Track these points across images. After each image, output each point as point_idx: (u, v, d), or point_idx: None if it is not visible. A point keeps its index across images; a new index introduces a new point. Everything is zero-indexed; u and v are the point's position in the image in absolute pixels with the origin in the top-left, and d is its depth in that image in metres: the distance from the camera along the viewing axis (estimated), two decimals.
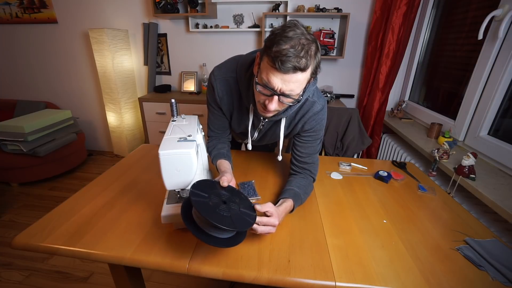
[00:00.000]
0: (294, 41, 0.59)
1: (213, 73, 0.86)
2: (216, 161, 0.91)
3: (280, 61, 0.59)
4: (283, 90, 0.64)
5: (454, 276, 0.60)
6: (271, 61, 0.61)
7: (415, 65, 2.03)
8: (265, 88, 0.65)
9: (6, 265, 1.51)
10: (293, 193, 0.80)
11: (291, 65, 0.59)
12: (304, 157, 0.89)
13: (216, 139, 0.98)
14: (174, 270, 0.61)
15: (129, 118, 2.61)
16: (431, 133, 1.57)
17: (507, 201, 0.93)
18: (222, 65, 0.87)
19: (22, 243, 0.66)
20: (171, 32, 2.44)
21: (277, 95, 0.65)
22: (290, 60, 0.59)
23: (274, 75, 0.62)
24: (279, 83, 0.63)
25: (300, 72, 0.61)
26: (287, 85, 0.63)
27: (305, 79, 0.64)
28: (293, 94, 0.65)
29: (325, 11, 2.01)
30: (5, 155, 2.10)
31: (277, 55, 0.59)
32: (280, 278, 0.59)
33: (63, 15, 2.49)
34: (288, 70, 0.60)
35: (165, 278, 1.43)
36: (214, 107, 0.91)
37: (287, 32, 0.60)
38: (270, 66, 0.62)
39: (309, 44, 0.61)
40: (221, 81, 0.84)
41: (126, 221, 0.74)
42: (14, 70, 2.80)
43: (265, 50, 0.63)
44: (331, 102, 2.17)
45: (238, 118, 0.91)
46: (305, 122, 0.85)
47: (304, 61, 0.60)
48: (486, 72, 1.27)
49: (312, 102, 0.83)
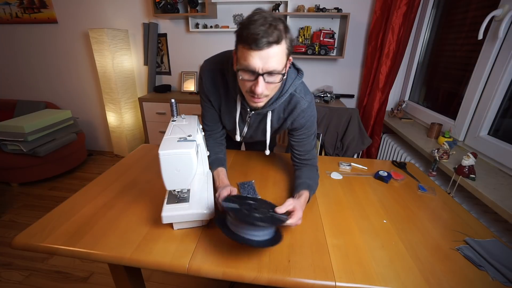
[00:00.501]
0: (261, 21, 0.62)
1: (202, 65, 0.90)
2: (214, 168, 0.92)
3: (253, 40, 0.61)
4: (265, 68, 0.65)
5: (454, 276, 0.60)
6: (245, 43, 0.63)
7: (415, 65, 2.03)
8: (247, 72, 0.67)
9: (6, 265, 1.51)
10: (306, 185, 0.84)
11: (265, 40, 0.61)
12: (303, 155, 0.93)
13: (211, 136, 1.00)
14: (174, 270, 0.61)
15: (129, 118, 2.61)
16: (431, 133, 1.57)
17: (507, 201, 0.93)
18: (211, 57, 0.90)
19: (22, 243, 0.66)
20: (171, 32, 2.44)
21: (260, 75, 0.66)
22: (262, 36, 0.61)
23: (251, 56, 0.64)
24: (258, 62, 0.64)
25: (275, 44, 0.63)
26: (267, 61, 0.64)
27: (282, 52, 0.66)
28: (275, 70, 0.67)
29: (325, 11, 2.01)
30: (5, 155, 2.10)
31: (249, 36, 0.62)
32: (280, 278, 0.59)
33: (63, 15, 2.49)
34: (263, 45, 0.62)
35: (165, 278, 1.43)
36: (204, 99, 0.93)
37: (252, 17, 0.63)
38: (246, 49, 0.64)
39: (276, 22, 0.63)
40: (208, 72, 0.87)
41: (126, 221, 0.74)
42: (14, 70, 2.80)
43: (237, 40, 0.67)
44: (331, 102, 2.17)
45: (226, 111, 0.93)
46: (294, 119, 0.88)
47: (275, 34, 0.62)
48: (486, 72, 1.27)
49: (299, 98, 0.85)
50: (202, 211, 0.70)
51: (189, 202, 0.72)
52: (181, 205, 0.71)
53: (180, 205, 0.71)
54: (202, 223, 0.74)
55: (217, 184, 0.86)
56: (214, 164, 0.93)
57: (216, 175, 0.90)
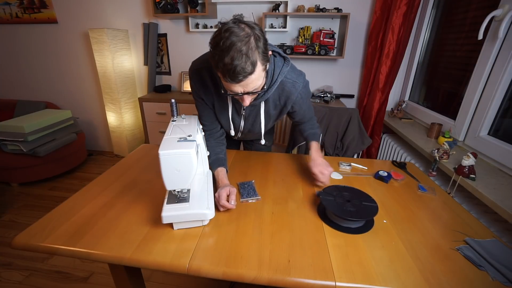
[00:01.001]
0: (232, 51, 0.62)
1: (189, 67, 0.90)
2: (214, 168, 0.92)
3: (229, 77, 0.65)
4: (247, 90, 0.71)
5: (454, 276, 0.60)
6: (223, 76, 0.67)
7: (415, 65, 2.03)
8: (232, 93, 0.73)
9: (6, 265, 1.51)
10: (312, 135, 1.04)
11: (241, 76, 0.65)
12: (303, 118, 1.04)
13: (212, 136, 1.01)
14: (174, 270, 0.61)
15: (129, 118, 2.61)
16: (431, 133, 1.57)
17: (507, 201, 0.93)
18: (198, 57, 0.91)
19: (22, 243, 0.66)
20: (171, 32, 2.44)
21: (244, 94, 0.73)
22: (238, 72, 0.64)
23: (232, 86, 0.69)
24: (239, 89, 0.70)
25: (250, 75, 0.66)
26: (247, 87, 0.70)
27: (259, 73, 0.69)
28: (257, 87, 0.72)
29: (325, 11, 2.01)
30: (5, 155, 2.10)
31: (225, 70, 0.65)
32: (280, 278, 0.59)
33: (63, 15, 2.49)
34: (240, 80, 0.66)
35: (165, 278, 1.43)
36: (197, 99, 0.95)
37: (222, 44, 0.62)
38: (225, 81, 0.69)
39: (247, 43, 0.63)
40: (195, 72, 0.89)
41: (126, 221, 0.74)
42: (14, 70, 2.80)
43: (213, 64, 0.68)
44: (331, 102, 2.17)
45: (220, 107, 0.94)
46: (293, 102, 0.93)
47: (249, 66, 0.64)
48: (486, 72, 1.27)
49: (293, 83, 0.88)
50: (202, 211, 0.70)
51: (189, 202, 0.72)
52: (181, 205, 0.71)
53: (180, 205, 0.71)
54: (202, 223, 0.74)
55: (217, 184, 0.87)
56: (214, 165, 0.93)
57: (216, 175, 0.90)
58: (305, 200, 0.88)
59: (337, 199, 0.79)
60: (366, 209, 0.76)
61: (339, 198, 0.80)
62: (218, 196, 0.78)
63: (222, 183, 0.85)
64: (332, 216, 0.77)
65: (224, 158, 0.97)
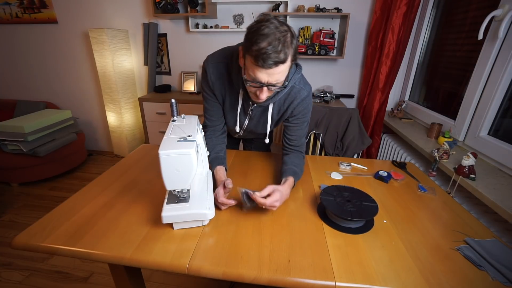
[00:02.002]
0: (270, 37, 0.65)
1: (206, 59, 0.92)
2: (214, 166, 0.93)
3: (261, 59, 0.66)
4: (270, 82, 0.71)
5: (454, 276, 0.60)
6: (254, 60, 0.68)
7: (415, 65, 2.03)
8: (254, 83, 0.73)
9: (6, 265, 1.51)
10: (292, 171, 0.90)
11: (272, 61, 0.66)
12: (294, 140, 0.99)
13: (212, 133, 1.01)
14: (174, 270, 0.61)
15: (129, 118, 2.61)
16: (431, 133, 1.57)
17: (507, 201, 0.93)
18: (215, 52, 0.92)
19: (22, 243, 0.66)
20: (171, 32, 2.44)
21: (266, 86, 0.73)
22: (270, 57, 0.65)
23: (259, 71, 0.69)
24: (265, 77, 0.70)
25: (281, 64, 0.68)
26: (272, 77, 0.70)
27: (287, 67, 0.71)
28: (279, 82, 0.73)
29: (325, 11, 2.01)
30: (5, 155, 2.10)
31: (258, 54, 0.66)
32: (280, 278, 0.59)
33: (63, 15, 2.49)
34: (270, 65, 0.67)
35: (165, 278, 1.43)
36: (208, 93, 0.95)
37: (262, 30, 0.65)
38: (254, 65, 0.69)
39: (284, 36, 0.66)
40: (213, 65, 0.89)
41: (126, 221, 0.74)
42: (14, 70, 2.80)
43: (246, 48, 0.70)
44: (331, 102, 2.17)
45: (230, 103, 0.95)
46: (294, 108, 0.93)
47: (282, 55, 0.66)
48: (486, 72, 1.27)
49: (299, 89, 0.90)
50: (202, 211, 0.70)
51: (189, 202, 0.72)
52: (181, 205, 0.71)
53: (180, 205, 0.71)
54: (202, 223, 0.74)
55: (217, 183, 0.87)
56: (213, 163, 0.94)
57: (215, 173, 0.91)
58: (305, 200, 0.88)
59: (337, 199, 0.79)
60: (366, 209, 0.76)
61: (339, 198, 0.80)
62: (216, 194, 0.78)
63: (220, 181, 0.86)
64: (332, 216, 0.77)
65: (223, 157, 0.97)
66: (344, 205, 0.77)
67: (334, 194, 0.82)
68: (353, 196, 0.82)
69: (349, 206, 0.76)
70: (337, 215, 0.73)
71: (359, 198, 0.81)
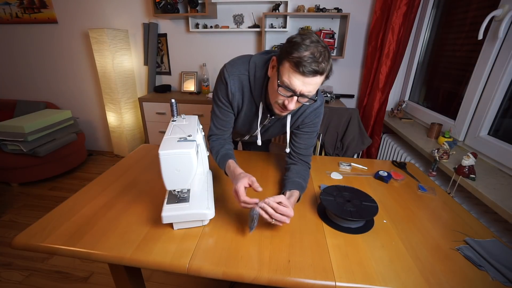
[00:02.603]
0: (313, 48, 0.67)
1: (226, 69, 0.87)
2: (226, 160, 0.88)
3: (302, 65, 0.66)
4: (303, 91, 0.71)
5: (454, 276, 0.60)
6: (293, 65, 0.68)
7: (415, 65, 2.03)
8: (287, 90, 0.71)
9: (6, 265, 1.51)
10: (299, 185, 0.86)
11: (312, 69, 0.67)
12: (302, 149, 0.96)
13: (219, 139, 0.97)
14: (174, 270, 0.61)
15: (129, 118, 2.61)
16: (431, 133, 1.57)
17: (507, 201, 0.93)
18: (235, 62, 0.88)
19: (22, 243, 0.66)
20: (171, 32, 2.44)
21: (297, 95, 0.71)
22: (311, 65, 0.66)
23: (296, 78, 0.69)
24: (300, 85, 0.70)
25: (319, 75, 0.69)
26: (307, 86, 0.70)
27: (321, 80, 0.71)
28: (310, 94, 0.72)
29: (325, 11, 2.01)
30: (5, 155, 2.10)
31: (300, 60, 0.66)
32: (280, 278, 0.59)
33: (63, 15, 2.49)
34: (310, 73, 0.67)
35: (165, 278, 1.43)
36: (224, 103, 0.90)
37: (305, 40, 0.67)
38: (292, 70, 0.68)
39: (324, 51, 0.68)
40: (235, 77, 0.86)
41: (126, 221, 0.74)
42: (14, 70, 2.80)
43: (285, 55, 0.70)
44: (331, 102, 2.17)
45: (245, 115, 0.94)
46: (305, 116, 0.91)
47: (323, 65, 0.68)
48: (486, 72, 1.27)
49: None
50: (202, 211, 0.71)
51: (189, 202, 0.72)
52: (181, 205, 0.71)
53: (180, 205, 0.71)
54: (202, 223, 0.74)
55: (232, 177, 0.82)
56: (224, 158, 0.89)
57: (227, 168, 0.86)
58: (305, 200, 0.88)
59: (337, 199, 0.79)
60: (366, 209, 0.76)
61: (339, 198, 0.80)
62: (236, 192, 0.72)
63: (236, 173, 0.79)
64: (332, 216, 0.77)
65: (232, 154, 0.93)
66: (344, 205, 0.77)
67: (334, 194, 0.82)
68: (353, 196, 0.81)
69: (349, 206, 0.76)
70: (337, 215, 0.73)
71: (359, 198, 0.81)
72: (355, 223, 0.75)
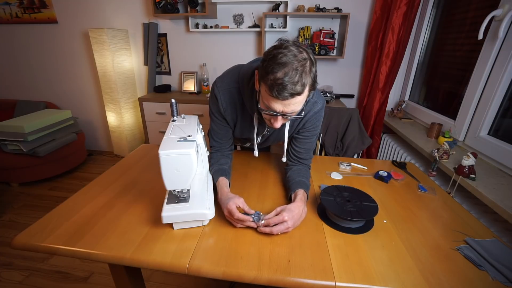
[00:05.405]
0: (287, 67, 0.61)
1: (215, 85, 0.86)
2: (216, 177, 0.87)
3: (276, 90, 0.62)
4: (285, 112, 0.68)
5: (454, 276, 0.60)
6: (268, 90, 0.64)
7: (415, 65, 2.03)
8: (269, 111, 0.69)
9: (6, 265, 1.51)
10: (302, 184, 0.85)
11: (288, 93, 0.62)
12: (303, 153, 0.95)
13: (219, 151, 0.98)
14: (174, 270, 0.61)
15: (129, 118, 2.61)
16: (431, 133, 1.57)
17: (507, 201, 0.93)
18: (224, 76, 0.88)
19: (22, 243, 0.66)
20: (171, 32, 2.44)
21: (280, 115, 0.69)
22: (286, 89, 0.61)
23: (274, 102, 0.66)
24: (279, 107, 0.67)
25: (297, 96, 0.64)
26: (288, 107, 0.67)
27: (304, 97, 0.67)
28: (294, 112, 0.69)
29: (325, 11, 2.01)
30: (5, 155, 2.10)
31: (273, 84, 0.62)
32: (280, 278, 0.59)
33: (63, 15, 2.49)
34: (286, 97, 0.63)
35: (165, 278, 1.43)
36: (218, 117, 0.91)
37: (279, 58, 0.61)
38: (268, 95, 0.65)
39: (303, 65, 0.62)
40: (224, 92, 0.85)
41: (126, 221, 0.74)
42: (14, 70, 2.80)
43: (262, 75, 0.66)
44: (331, 102, 2.17)
45: (242, 127, 0.93)
46: (306, 121, 0.90)
47: (299, 87, 0.62)
48: (486, 72, 1.27)
49: (314, 101, 0.86)
50: (202, 211, 0.70)
51: (189, 202, 0.72)
52: (181, 205, 0.71)
53: (180, 205, 0.71)
54: (202, 223, 0.74)
55: (218, 195, 0.81)
56: (216, 174, 0.89)
57: (217, 185, 0.85)
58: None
59: (337, 199, 0.79)
60: (366, 209, 0.76)
61: (339, 198, 0.80)
62: (229, 211, 0.71)
63: (222, 193, 0.79)
64: (332, 216, 0.77)
65: (227, 170, 0.92)
66: (344, 205, 0.77)
67: (334, 194, 0.82)
68: (353, 196, 0.81)
69: (349, 206, 0.76)
70: (337, 215, 0.73)
71: (359, 198, 0.81)
72: (355, 223, 0.75)
